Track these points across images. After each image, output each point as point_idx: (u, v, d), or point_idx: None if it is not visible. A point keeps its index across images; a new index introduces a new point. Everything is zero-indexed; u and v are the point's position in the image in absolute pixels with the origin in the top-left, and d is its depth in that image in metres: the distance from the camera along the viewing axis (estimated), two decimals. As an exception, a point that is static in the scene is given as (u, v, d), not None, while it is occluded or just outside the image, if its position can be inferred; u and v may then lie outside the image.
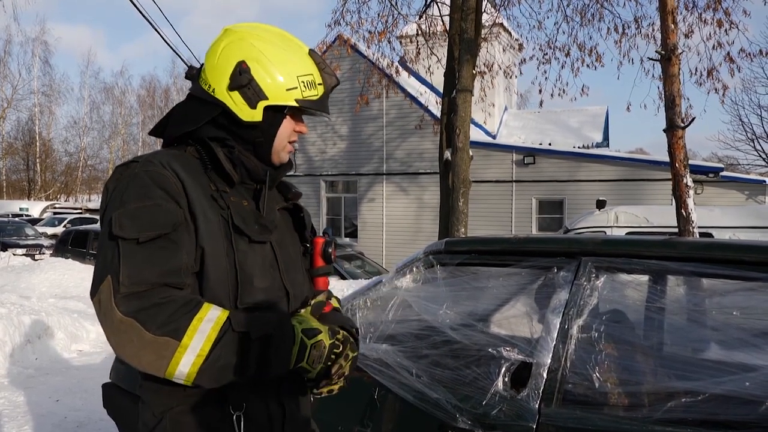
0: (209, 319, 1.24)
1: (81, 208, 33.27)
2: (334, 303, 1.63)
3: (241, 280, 1.36)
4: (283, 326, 1.31)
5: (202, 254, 1.33)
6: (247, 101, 1.41)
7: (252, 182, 1.48)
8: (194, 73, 1.48)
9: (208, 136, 1.44)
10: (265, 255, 1.44)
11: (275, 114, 1.44)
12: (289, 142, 1.50)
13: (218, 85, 1.42)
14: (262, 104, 1.41)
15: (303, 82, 1.43)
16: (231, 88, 1.40)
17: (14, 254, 15.19)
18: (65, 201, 43.17)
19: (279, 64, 1.41)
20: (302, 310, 1.42)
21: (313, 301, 1.45)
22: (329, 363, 1.36)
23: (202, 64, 1.48)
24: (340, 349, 1.37)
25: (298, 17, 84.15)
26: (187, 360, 1.21)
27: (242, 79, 1.39)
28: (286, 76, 1.41)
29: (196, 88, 1.47)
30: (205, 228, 1.34)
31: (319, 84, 1.46)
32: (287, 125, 1.47)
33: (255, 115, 1.41)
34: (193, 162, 1.42)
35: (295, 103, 1.42)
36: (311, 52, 1.48)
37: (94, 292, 1.27)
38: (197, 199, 1.35)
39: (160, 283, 1.25)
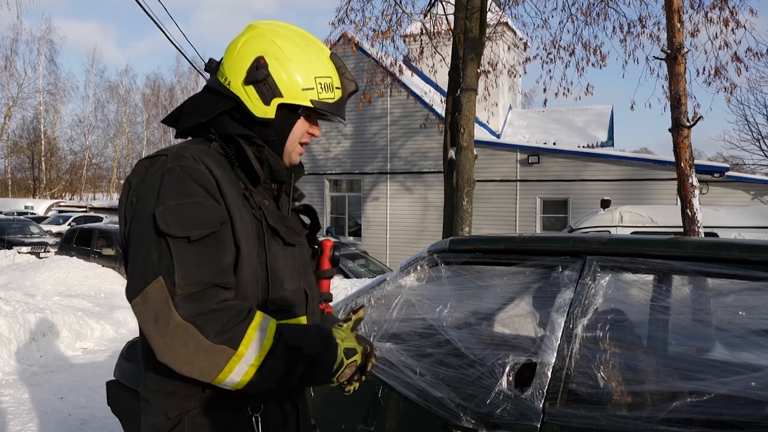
0: (263, 328, 1.23)
1: (86, 207, 33.30)
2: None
3: (272, 282, 1.35)
4: (329, 344, 1.31)
5: (237, 254, 1.31)
6: (262, 97, 1.38)
7: (270, 183, 1.46)
8: (213, 66, 1.45)
9: (233, 132, 1.40)
10: (296, 258, 1.44)
11: (289, 113, 1.41)
12: (301, 144, 1.47)
13: (234, 78, 1.39)
14: (276, 101, 1.38)
15: (321, 83, 1.39)
16: (246, 82, 1.37)
17: (19, 252, 15.20)
18: (70, 199, 43.25)
19: (297, 63, 1.38)
20: (344, 325, 1.42)
21: (354, 317, 1.45)
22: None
23: (222, 58, 1.45)
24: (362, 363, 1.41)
25: (315, 14, 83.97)
26: (240, 369, 1.20)
27: (258, 74, 1.36)
28: (304, 75, 1.38)
29: (213, 80, 1.44)
30: (240, 227, 1.31)
31: (337, 88, 1.43)
32: (301, 126, 1.44)
33: (268, 111, 1.38)
34: (221, 159, 1.38)
35: (310, 104, 1.39)
36: (332, 56, 1.45)
37: (137, 292, 1.21)
38: (232, 197, 1.32)
39: (213, 283, 1.22)
